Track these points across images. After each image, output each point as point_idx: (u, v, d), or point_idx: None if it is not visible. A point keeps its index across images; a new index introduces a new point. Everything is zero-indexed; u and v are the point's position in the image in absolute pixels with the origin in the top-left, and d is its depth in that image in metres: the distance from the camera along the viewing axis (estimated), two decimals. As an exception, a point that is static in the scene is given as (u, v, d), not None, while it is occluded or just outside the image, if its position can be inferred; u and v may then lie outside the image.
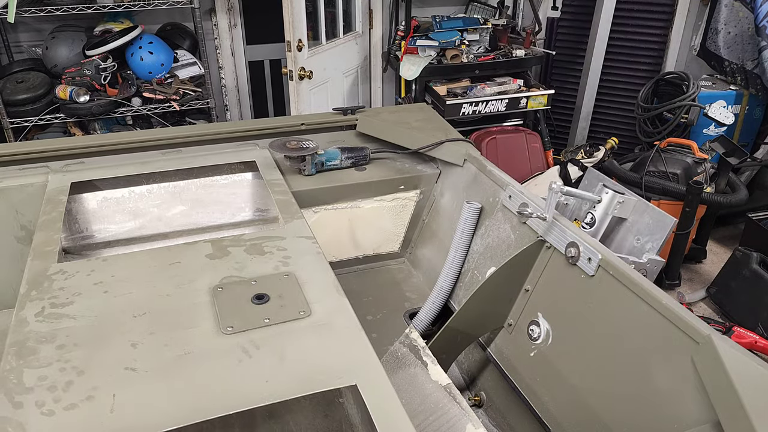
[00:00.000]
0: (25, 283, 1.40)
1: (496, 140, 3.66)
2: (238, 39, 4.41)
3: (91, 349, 1.20)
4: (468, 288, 1.93)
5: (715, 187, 3.38)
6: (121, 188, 2.00)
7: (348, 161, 2.28)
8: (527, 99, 3.85)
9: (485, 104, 3.75)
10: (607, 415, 1.43)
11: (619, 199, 1.67)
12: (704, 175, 3.34)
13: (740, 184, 3.37)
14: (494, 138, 3.67)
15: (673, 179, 3.29)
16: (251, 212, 2.14)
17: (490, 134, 3.72)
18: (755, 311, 2.99)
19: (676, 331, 1.29)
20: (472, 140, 3.63)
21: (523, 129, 3.83)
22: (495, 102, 3.75)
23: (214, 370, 1.17)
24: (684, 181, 3.18)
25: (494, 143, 3.65)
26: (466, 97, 3.75)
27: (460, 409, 1.55)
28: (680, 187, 3.18)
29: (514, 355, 1.72)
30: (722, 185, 3.36)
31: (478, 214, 1.96)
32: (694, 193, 3.04)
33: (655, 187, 3.26)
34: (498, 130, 3.77)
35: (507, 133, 3.74)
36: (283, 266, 1.49)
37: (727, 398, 1.14)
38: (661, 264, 1.61)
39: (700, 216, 3.48)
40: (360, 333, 1.30)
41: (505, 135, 3.72)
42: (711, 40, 3.92)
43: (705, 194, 3.22)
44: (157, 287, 1.40)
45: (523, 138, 3.74)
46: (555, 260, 1.63)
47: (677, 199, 3.17)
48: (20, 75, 3.71)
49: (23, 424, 1.03)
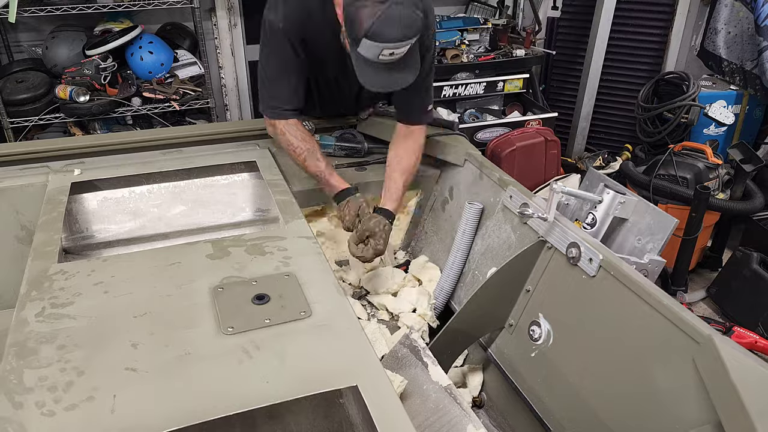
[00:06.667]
0: (26, 283, 1.40)
1: (515, 152, 3.55)
2: (238, 39, 4.41)
3: (92, 350, 1.20)
4: (469, 288, 1.93)
5: (731, 194, 3.35)
6: (121, 188, 1.99)
7: (341, 151, 2.29)
8: (504, 82, 4.04)
9: (464, 87, 3.95)
10: (608, 416, 1.43)
11: (620, 200, 1.67)
12: (717, 180, 3.31)
13: (757, 192, 3.33)
14: (514, 149, 3.55)
15: (683, 184, 3.27)
16: (252, 212, 2.14)
17: (510, 144, 3.62)
18: (755, 311, 2.98)
19: (677, 332, 1.29)
20: (491, 149, 3.60)
21: (544, 132, 3.76)
22: (474, 85, 3.97)
23: (215, 370, 1.17)
24: (693, 186, 3.16)
25: (513, 155, 3.56)
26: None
27: (460, 410, 1.55)
28: (688, 191, 3.16)
29: (515, 356, 1.72)
30: (738, 192, 3.33)
31: (479, 214, 1.96)
32: (701, 198, 3.02)
33: (663, 190, 3.25)
34: (519, 136, 3.69)
35: (527, 139, 3.65)
36: (284, 266, 1.49)
37: (728, 399, 1.14)
38: (661, 264, 1.61)
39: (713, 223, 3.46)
40: (360, 334, 1.30)
41: (524, 143, 3.62)
42: (710, 40, 3.92)
43: (719, 201, 3.20)
44: (158, 287, 1.40)
45: (543, 145, 3.64)
46: (556, 261, 1.62)
47: (685, 204, 3.15)
48: (20, 75, 3.71)
49: (23, 424, 1.03)
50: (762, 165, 3.30)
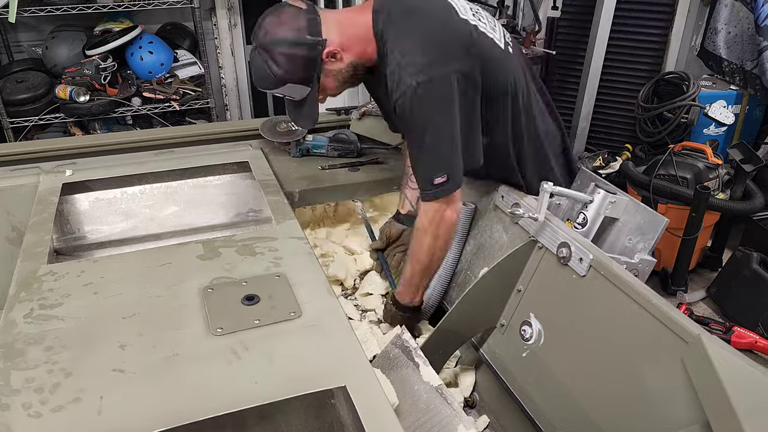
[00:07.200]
0: (15, 284, 1.40)
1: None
2: (238, 39, 4.42)
3: (79, 351, 1.20)
4: (461, 288, 1.92)
5: (731, 194, 3.34)
6: (113, 189, 2.00)
7: (334, 151, 2.29)
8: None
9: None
10: (598, 416, 1.42)
11: (611, 199, 1.66)
12: (717, 180, 3.30)
13: (757, 192, 3.32)
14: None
15: (683, 184, 3.26)
16: (244, 213, 2.14)
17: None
18: (755, 311, 2.97)
19: (666, 331, 1.29)
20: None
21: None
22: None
23: (203, 371, 1.17)
24: (693, 186, 3.15)
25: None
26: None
27: (451, 410, 1.55)
28: (688, 191, 3.15)
29: (507, 356, 1.71)
30: (738, 192, 3.32)
31: (471, 215, 1.95)
32: (701, 198, 3.02)
33: (663, 190, 3.24)
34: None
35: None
36: (275, 267, 1.50)
37: (715, 398, 1.13)
38: (652, 264, 1.60)
39: (713, 223, 3.45)
40: (350, 334, 1.30)
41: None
42: (710, 40, 3.90)
43: (719, 201, 3.19)
44: (147, 288, 1.40)
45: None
46: (547, 260, 1.62)
47: (685, 204, 3.15)
48: (20, 75, 3.73)
49: (10, 425, 1.03)
50: (762, 165, 3.28)
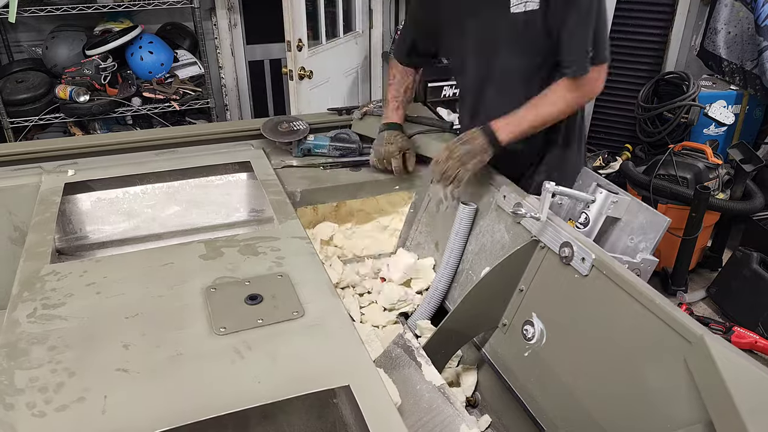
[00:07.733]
0: (17, 284, 1.40)
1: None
2: (238, 39, 4.42)
3: (83, 351, 1.20)
4: (463, 288, 1.93)
5: (731, 194, 3.34)
6: (115, 189, 1.99)
7: (336, 151, 2.29)
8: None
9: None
10: (601, 415, 1.43)
11: (613, 199, 1.66)
12: (717, 180, 3.31)
13: (757, 192, 3.33)
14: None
15: (683, 184, 3.27)
16: (246, 212, 2.14)
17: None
18: (755, 311, 2.98)
19: (669, 331, 1.29)
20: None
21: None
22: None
23: (207, 371, 1.17)
24: (693, 186, 3.15)
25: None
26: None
27: (453, 410, 1.55)
28: (688, 191, 3.16)
29: (509, 355, 1.72)
30: (738, 192, 3.33)
31: (473, 214, 1.95)
32: (701, 198, 3.02)
33: (663, 190, 3.24)
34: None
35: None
36: (277, 267, 1.49)
37: (719, 398, 1.13)
38: (654, 263, 1.60)
39: (713, 223, 3.46)
40: (353, 333, 1.30)
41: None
42: (710, 40, 3.91)
43: (719, 201, 3.20)
44: (150, 288, 1.40)
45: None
46: (549, 260, 1.62)
47: (685, 204, 3.15)
48: (20, 75, 3.73)
49: (14, 425, 1.03)
50: (762, 165, 3.30)
